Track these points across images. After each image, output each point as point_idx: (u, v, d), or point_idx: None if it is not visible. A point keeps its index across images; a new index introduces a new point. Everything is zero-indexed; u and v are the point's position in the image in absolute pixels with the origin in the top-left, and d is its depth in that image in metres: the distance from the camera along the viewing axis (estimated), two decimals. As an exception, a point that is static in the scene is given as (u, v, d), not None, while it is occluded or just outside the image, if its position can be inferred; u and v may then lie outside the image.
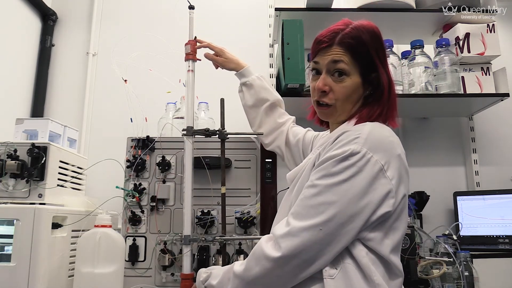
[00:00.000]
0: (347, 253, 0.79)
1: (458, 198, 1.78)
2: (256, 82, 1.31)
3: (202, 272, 0.96)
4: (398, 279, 0.82)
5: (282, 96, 1.61)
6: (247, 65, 1.34)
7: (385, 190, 0.78)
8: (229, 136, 1.31)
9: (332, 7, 1.69)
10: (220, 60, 1.35)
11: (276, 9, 1.71)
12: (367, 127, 0.83)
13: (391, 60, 1.65)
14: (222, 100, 1.34)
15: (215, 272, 0.92)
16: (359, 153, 0.78)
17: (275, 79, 1.86)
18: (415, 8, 1.73)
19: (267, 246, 0.80)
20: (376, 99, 0.92)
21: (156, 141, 1.42)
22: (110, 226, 1.28)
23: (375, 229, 0.79)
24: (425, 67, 1.66)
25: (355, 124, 0.88)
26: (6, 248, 1.26)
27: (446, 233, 1.53)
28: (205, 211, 1.37)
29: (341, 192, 0.77)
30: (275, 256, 0.77)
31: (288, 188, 0.99)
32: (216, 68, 1.39)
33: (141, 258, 1.36)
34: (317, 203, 0.78)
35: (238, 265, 0.85)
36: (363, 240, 0.79)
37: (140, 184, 1.40)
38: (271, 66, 1.95)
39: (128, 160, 1.41)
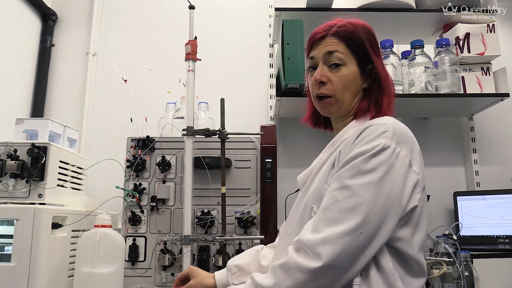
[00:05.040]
0: (372, 259, 0.74)
1: (458, 198, 1.78)
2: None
3: None
4: (421, 278, 0.79)
5: (282, 96, 1.62)
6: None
7: (413, 184, 0.76)
8: (229, 136, 1.31)
9: (332, 7, 1.69)
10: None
11: (276, 9, 1.71)
12: (390, 120, 0.81)
13: (391, 60, 1.65)
14: (222, 100, 1.34)
15: (233, 286, 0.88)
16: (389, 147, 0.75)
17: (275, 79, 1.86)
18: (415, 8, 1.73)
19: (299, 256, 0.73)
20: (375, 91, 0.90)
21: (156, 141, 1.42)
22: (110, 226, 1.28)
23: (404, 226, 0.76)
24: (425, 67, 1.66)
25: (370, 119, 0.86)
26: (6, 248, 1.26)
27: (446, 233, 1.53)
28: (205, 211, 1.37)
29: (377, 190, 0.73)
30: (313, 266, 0.70)
31: (298, 190, 0.96)
32: None
33: (141, 258, 1.36)
34: (353, 204, 0.72)
35: (263, 278, 0.77)
36: (392, 241, 0.75)
37: (140, 184, 1.40)
38: (271, 66, 1.95)
39: (128, 160, 1.41)
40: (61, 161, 1.39)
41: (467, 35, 1.71)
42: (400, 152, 0.76)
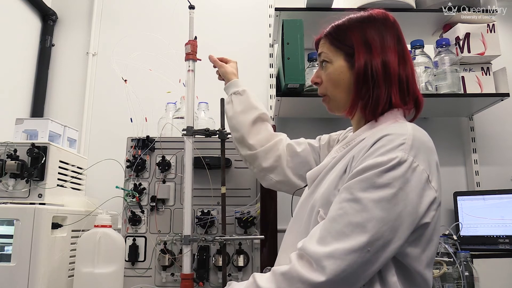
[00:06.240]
0: (377, 273, 0.72)
1: (458, 198, 1.78)
2: (250, 91, 1.21)
3: None
4: None
5: (282, 96, 1.62)
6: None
7: (430, 201, 0.72)
8: (229, 136, 1.31)
9: (332, 7, 1.69)
10: (220, 63, 1.28)
11: (276, 9, 1.71)
12: (410, 129, 0.75)
13: (391, 60, 1.65)
14: (222, 100, 1.34)
15: (235, 283, 0.85)
16: (406, 161, 0.70)
17: (275, 79, 1.86)
18: (415, 8, 1.73)
19: (302, 266, 0.70)
20: (361, 83, 0.84)
21: (156, 141, 1.42)
22: (110, 226, 1.28)
23: (414, 243, 0.72)
24: (425, 67, 1.66)
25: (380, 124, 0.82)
26: (6, 248, 1.26)
27: (446, 233, 1.53)
28: (205, 211, 1.37)
29: (389, 206, 0.68)
30: (316, 280, 0.67)
31: (306, 186, 0.93)
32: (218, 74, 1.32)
33: (141, 258, 1.36)
34: (363, 220, 0.68)
35: (264, 281, 0.75)
36: (399, 256, 0.72)
37: (140, 184, 1.40)
38: (271, 66, 1.95)
39: (128, 160, 1.41)
40: (61, 161, 1.39)
41: (467, 35, 1.71)
42: (417, 167, 0.71)
